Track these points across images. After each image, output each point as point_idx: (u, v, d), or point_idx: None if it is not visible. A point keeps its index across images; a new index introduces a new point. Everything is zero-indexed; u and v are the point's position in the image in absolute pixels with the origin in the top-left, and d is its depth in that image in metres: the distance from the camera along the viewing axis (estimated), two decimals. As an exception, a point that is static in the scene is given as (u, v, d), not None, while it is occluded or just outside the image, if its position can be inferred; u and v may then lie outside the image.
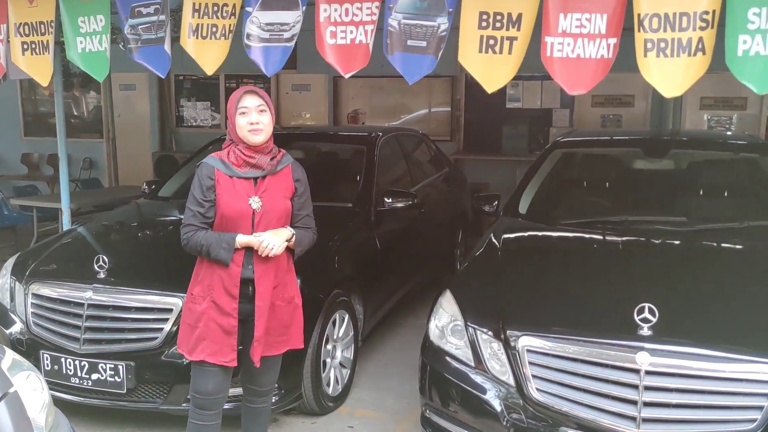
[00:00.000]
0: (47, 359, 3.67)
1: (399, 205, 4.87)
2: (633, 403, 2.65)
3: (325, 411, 4.01)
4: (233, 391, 3.22)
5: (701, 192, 4.43)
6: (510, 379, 2.90)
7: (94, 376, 3.58)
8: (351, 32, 3.63)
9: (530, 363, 2.86)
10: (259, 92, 2.95)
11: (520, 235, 4.02)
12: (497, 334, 2.98)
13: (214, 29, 3.90)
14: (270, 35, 3.77)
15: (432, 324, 3.26)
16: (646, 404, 2.64)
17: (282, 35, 3.76)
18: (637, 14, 3.14)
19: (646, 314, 2.77)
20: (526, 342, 2.89)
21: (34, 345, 3.74)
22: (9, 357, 2.55)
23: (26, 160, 10.69)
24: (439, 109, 9.43)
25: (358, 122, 9.69)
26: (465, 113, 9.23)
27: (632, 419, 2.64)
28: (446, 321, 3.18)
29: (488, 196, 4.54)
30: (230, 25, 3.91)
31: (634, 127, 8.45)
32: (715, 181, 4.48)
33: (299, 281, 3.17)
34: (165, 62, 4.06)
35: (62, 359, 3.63)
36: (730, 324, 2.90)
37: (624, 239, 3.81)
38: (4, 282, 4.09)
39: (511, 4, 3.33)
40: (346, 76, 3.67)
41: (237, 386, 3.25)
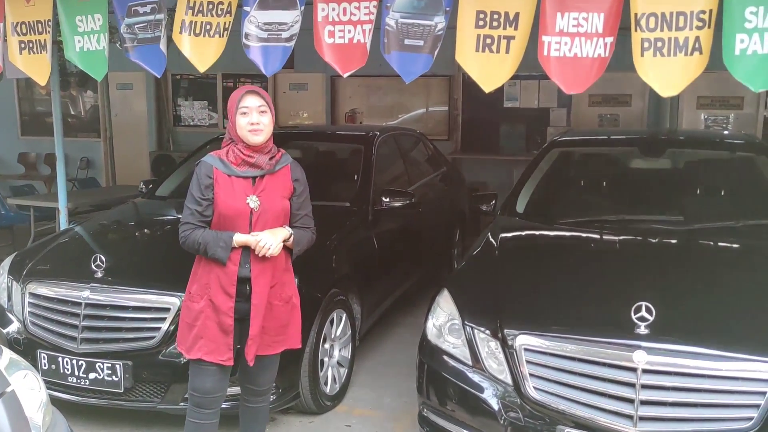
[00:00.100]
0: (44, 358, 3.67)
1: (396, 205, 4.87)
2: (630, 402, 2.65)
3: (323, 410, 4.01)
4: (231, 390, 3.22)
5: (698, 191, 4.44)
6: (507, 378, 2.90)
7: (92, 376, 3.58)
8: (349, 32, 3.64)
9: (527, 362, 2.86)
10: (261, 92, 2.94)
11: (518, 234, 4.03)
12: (494, 333, 2.98)
13: (209, 27, 3.88)
14: (268, 35, 3.76)
15: (429, 323, 3.26)
16: (643, 402, 2.64)
17: (281, 35, 3.75)
18: (634, 14, 3.14)
19: (643, 313, 2.77)
20: (524, 341, 2.89)
21: (32, 344, 3.73)
22: (6, 356, 2.54)
23: (23, 160, 10.67)
24: (437, 109, 9.43)
25: (356, 121, 9.68)
26: (462, 113, 9.24)
27: (629, 417, 2.65)
28: (444, 320, 3.19)
29: (485, 196, 4.56)
30: (225, 23, 3.89)
31: (631, 127, 8.46)
32: (712, 181, 4.49)
33: (297, 281, 3.17)
34: (161, 61, 4.06)
35: (59, 358, 3.63)
36: (727, 323, 2.91)
37: (621, 238, 3.82)
38: (1, 281, 4.09)
39: (509, 4, 3.33)
40: (344, 76, 3.68)
41: (235, 385, 3.25)
